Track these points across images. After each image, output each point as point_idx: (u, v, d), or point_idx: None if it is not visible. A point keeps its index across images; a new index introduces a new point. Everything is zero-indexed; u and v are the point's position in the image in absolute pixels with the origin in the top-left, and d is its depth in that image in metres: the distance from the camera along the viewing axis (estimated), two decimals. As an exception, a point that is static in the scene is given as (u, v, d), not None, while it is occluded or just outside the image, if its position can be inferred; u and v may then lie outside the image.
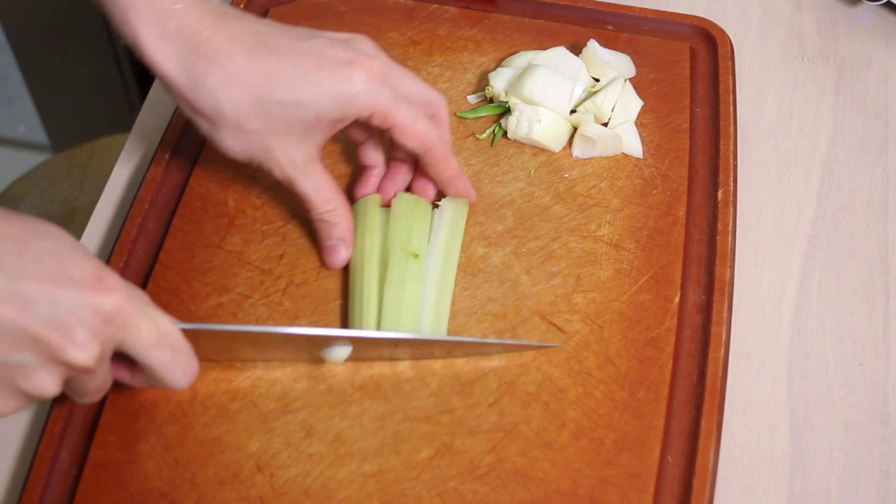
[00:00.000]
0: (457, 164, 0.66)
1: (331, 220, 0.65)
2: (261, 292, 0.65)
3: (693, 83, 0.77)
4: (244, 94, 0.60)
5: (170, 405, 0.60)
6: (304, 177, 0.63)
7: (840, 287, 0.70)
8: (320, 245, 0.66)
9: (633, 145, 0.73)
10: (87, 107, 1.60)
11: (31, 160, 1.41)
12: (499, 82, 0.75)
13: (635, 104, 0.75)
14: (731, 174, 0.71)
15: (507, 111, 0.74)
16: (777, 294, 0.69)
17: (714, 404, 0.60)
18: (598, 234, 0.68)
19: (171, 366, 0.54)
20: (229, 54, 0.60)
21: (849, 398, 0.65)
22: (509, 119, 0.73)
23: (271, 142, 0.62)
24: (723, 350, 0.62)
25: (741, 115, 0.78)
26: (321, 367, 0.62)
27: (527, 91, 0.72)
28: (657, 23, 0.81)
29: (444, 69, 0.77)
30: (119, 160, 0.76)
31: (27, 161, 1.47)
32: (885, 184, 0.76)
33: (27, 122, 1.83)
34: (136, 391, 0.60)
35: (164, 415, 0.60)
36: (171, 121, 0.73)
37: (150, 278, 0.65)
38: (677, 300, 0.65)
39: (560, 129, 0.72)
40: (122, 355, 0.54)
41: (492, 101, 0.75)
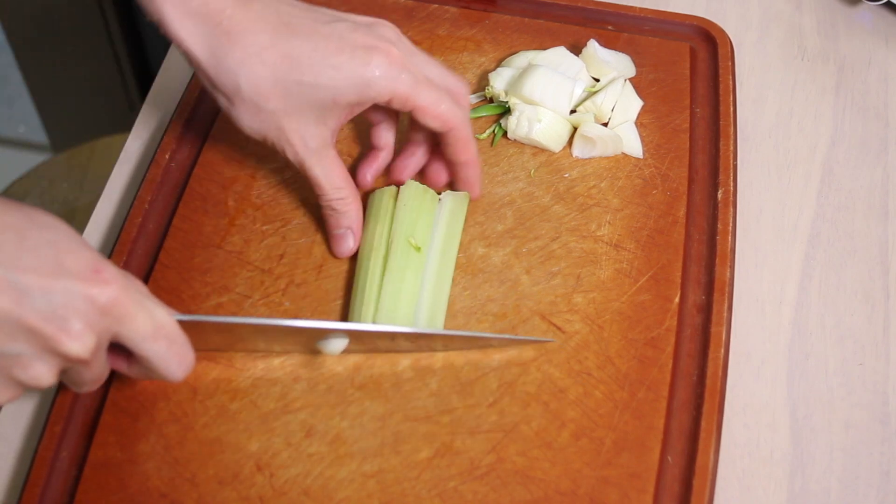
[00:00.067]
0: (475, 150, 0.66)
1: (340, 209, 0.65)
2: (261, 292, 0.65)
3: (693, 83, 0.77)
4: (264, 72, 0.60)
5: (170, 405, 0.60)
6: (317, 161, 0.63)
7: (840, 287, 0.70)
8: (328, 233, 0.66)
9: (633, 145, 0.73)
10: (87, 107, 1.60)
11: (31, 160, 1.41)
12: (499, 82, 0.75)
13: (635, 104, 0.75)
14: (731, 174, 0.71)
15: (507, 111, 0.74)
16: (777, 294, 0.69)
17: (714, 404, 0.60)
18: (598, 234, 0.68)
19: (167, 357, 0.54)
20: (252, 32, 0.60)
21: (849, 398, 0.65)
22: (509, 119, 0.73)
23: (287, 122, 0.62)
24: (723, 350, 0.62)
25: (741, 115, 0.78)
26: (321, 366, 0.62)
27: (527, 91, 0.72)
28: (657, 23, 0.81)
29: (444, 69, 0.77)
30: (119, 160, 0.76)
31: (27, 161, 1.47)
32: (885, 184, 0.76)
33: (27, 122, 1.83)
34: (136, 391, 0.60)
35: (164, 415, 0.60)
36: (171, 121, 0.73)
37: (150, 278, 0.65)
38: (677, 300, 0.65)
39: (560, 129, 0.72)
40: (120, 345, 0.54)
41: (492, 101, 0.75)
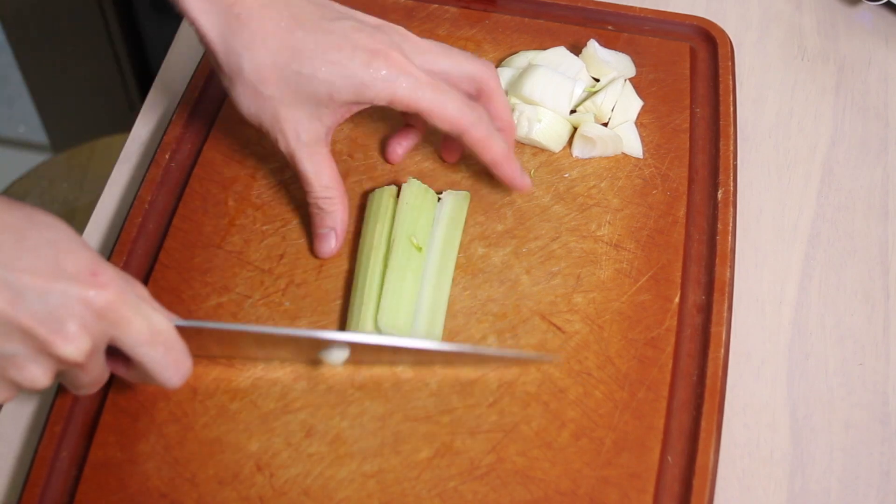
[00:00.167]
0: (501, 146, 0.64)
1: (326, 208, 0.65)
2: (261, 292, 0.65)
3: (693, 83, 0.77)
4: (266, 58, 0.61)
5: (170, 405, 0.60)
6: (307, 155, 0.63)
7: (840, 287, 0.70)
8: (312, 232, 0.66)
9: (633, 145, 0.73)
10: (87, 107, 1.60)
11: (31, 160, 1.41)
12: (499, 82, 0.75)
13: (635, 104, 0.75)
14: (731, 174, 0.71)
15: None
16: (777, 294, 0.70)
17: (714, 404, 0.60)
18: (598, 234, 0.68)
19: (164, 363, 0.54)
20: (260, 18, 0.61)
21: (849, 398, 0.65)
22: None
23: (282, 111, 0.62)
24: (723, 350, 0.62)
25: (741, 115, 0.78)
26: (321, 366, 0.62)
27: (527, 91, 0.72)
28: (657, 23, 0.81)
29: (444, 69, 0.77)
30: (119, 160, 0.76)
31: (27, 161, 1.47)
32: (885, 184, 0.76)
33: (27, 122, 1.83)
34: (136, 391, 0.60)
35: (164, 415, 0.60)
36: (170, 121, 0.73)
37: (150, 278, 0.65)
38: (677, 300, 0.65)
39: (560, 129, 0.72)
40: (119, 350, 0.54)
41: (492, 101, 0.75)
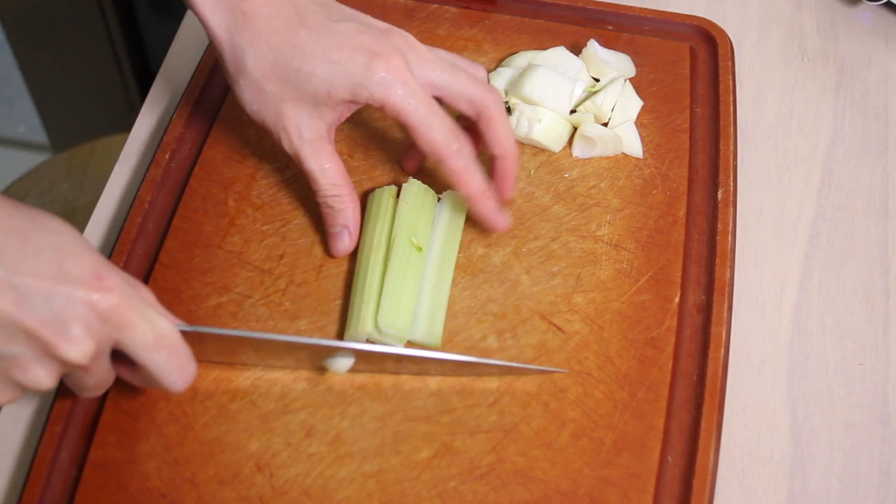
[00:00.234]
0: (478, 182, 0.63)
1: (336, 206, 0.65)
2: (261, 292, 0.65)
3: (693, 83, 0.77)
4: (268, 55, 0.62)
5: (170, 405, 0.60)
6: (311, 153, 0.63)
7: (840, 287, 0.70)
8: (326, 231, 0.66)
9: (633, 145, 0.73)
10: (87, 107, 1.60)
11: (31, 160, 1.41)
12: (499, 82, 0.75)
13: (635, 104, 0.75)
14: (731, 174, 0.71)
15: (507, 111, 0.74)
16: (777, 294, 0.69)
17: (714, 404, 0.60)
18: (598, 234, 0.68)
19: (168, 367, 0.54)
20: (264, 17, 0.62)
21: (849, 398, 0.65)
22: (509, 119, 0.73)
23: (284, 109, 0.62)
24: (723, 350, 0.62)
25: (741, 115, 0.78)
26: (324, 370, 0.62)
27: (527, 91, 0.72)
28: (657, 23, 0.81)
29: (444, 69, 0.77)
30: (119, 160, 0.76)
31: (27, 161, 1.47)
32: (885, 184, 0.76)
33: (27, 122, 1.83)
34: (137, 391, 0.60)
35: (164, 415, 0.60)
36: (171, 121, 0.73)
37: (150, 278, 0.65)
38: (677, 300, 0.65)
39: (560, 129, 0.72)
40: (123, 354, 0.54)
41: (492, 101, 0.75)
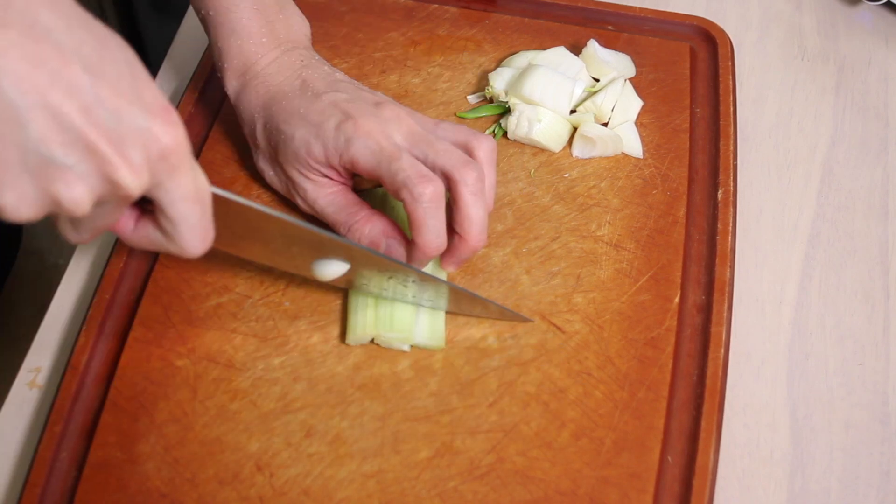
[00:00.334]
0: (430, 237, 0.59)
1: (354, 237, 0.63)
2: (261, 292, 0.65)
3: (693, 83, 0.77)
4: (260, 118, 0.65)
5: (170, 405, 0.60)
6: (320, 211, 0.64)
7: (840, 287, 0.70)
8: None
9: (633, 145, 0.73)
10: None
11: (31, 160, 1.41)
12: (499, 82, 0.75)
13: (635, 104, 0.75)
14: (731, 174, 0.71)
15: (507, 111, 0.74)
16: (777, 294, 0.69)
17: (714, 404, 0.60)
18: (598, 234, 0.68)
19: (198, 225, 0.50)
20: (265, 74, 0.65)
21: (849, 398, 0.65)
22: (509, 119, 0.73)
23: (287, 169, 0.64)
24: (723, 350, 0.62)
25: (741, 115, 0.78)
26: (321, 366, 0.62)
27: (527, 91, 0.72)
28: (657, 23, 0.81)
29: (444, 69, 0.77)
30: (119, 160, 0.76)
31: (27, 161, 1.47)
32: (885, 184, 0.76)
33: (27, 122, 1.82)
34: (137, 391, 0.60)
35: (164, 415, 0.60)
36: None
37: (150, 278, 0.65)
38: (677, 300, 0.65)
39: (560, 129, 0.72)
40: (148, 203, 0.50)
41: (492, 101, 0.75)
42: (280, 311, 0.64)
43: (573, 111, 0.74)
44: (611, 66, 0.75)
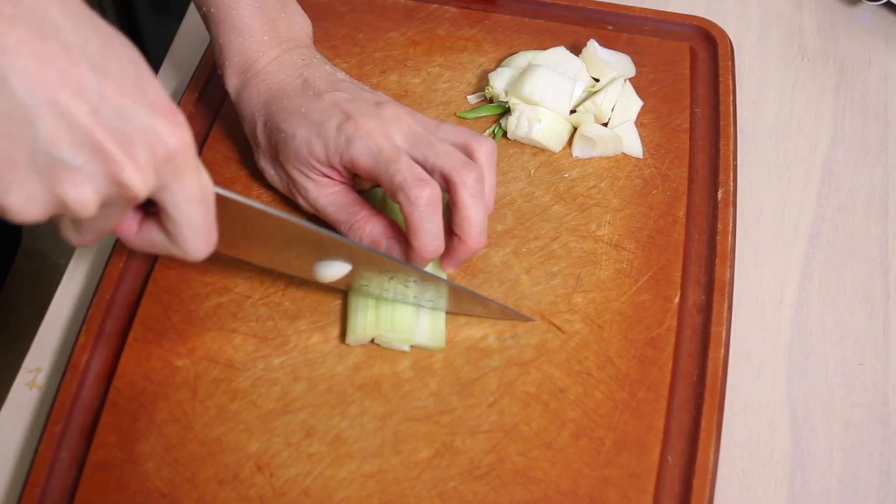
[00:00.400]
0: (427, 239, 0.59)
1: (355, 237, 0.63)
2: (261, 292, 0.65)
3: (693, 83, 0.77)
4: (260, 117, 0.65)
5: (170, 405, 0.60)
6: (321, 210, 0.64)
7: (840, 287, 0.70)
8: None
9: (633, 145, 0.73)
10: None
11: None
12: (499, 82, 0.75)
13: (635, 104, 0.75)
14: (731, 174, 0.71)
15: (507, 111, 0.74)
16: (777, 294, 0.70)
17: (714, 404, 0.60)
18: (598, 234, 0.68)
19: (201, 227, 0.50)
20: (266, 72, 0.65)
21: (849, 398, 0.65)
22: (509, 119, 0.73)
23: (288, 168, 0.64)
24: (723, 350, 0.62)
25: (741, 115, 0.78)
26: (321, 366, 0.62)
27: (527, 91, 0.72)
28: (657, 23, 0.81)
29: (444, 69, 0.77)
30: (119, 160, 0.76)
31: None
32: (885, 184, 0.76)
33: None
34: (136, 391, 0.60)
35: (164, 415, 0.60)
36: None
37: (150, 278, 0.65)
38: (677, 300, 0.65)
39: (560, 129, 0.72)
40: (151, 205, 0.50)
41: (492, 101, 0.75)
42: (280, 311, 0.64)
43: (573, 111, 0.74)
44: (611, 66, 0.75)
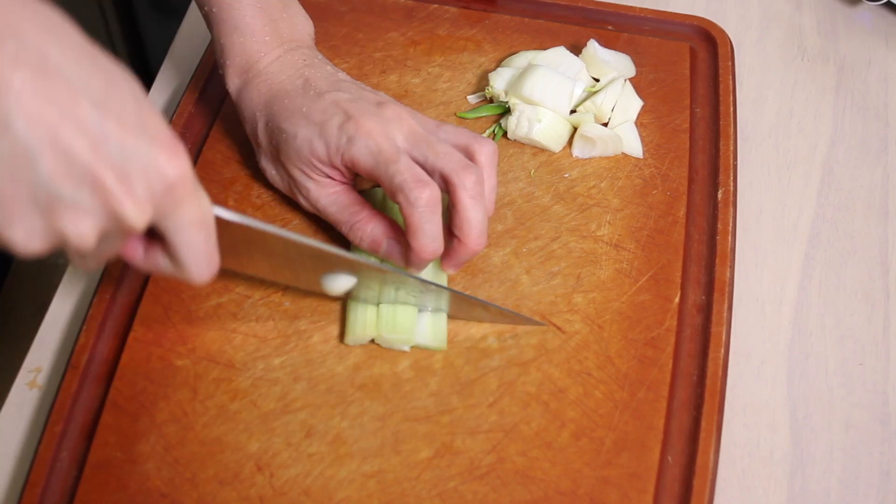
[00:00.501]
0: (427, 241, 0.59)
1: (354, 239, 0.63)
2: (261, 292, 0.65)
3: (693, 83, 0.77)
4: (262, 117, 0.65)
5: (170, 405, 0.60)
6: (322, 210, 0.64)
7: (840, 287, 0.70)
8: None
9: (633, 145, 0.73)
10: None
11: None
12: (499, 82, 0.75)
13: (635, 104, 0.75)
14: (731, 174, 0.71)
15: (507, 111, 0.74)
16: (777, 294, 0.69)
17: (714, 404, 0.60)
18: (598, 234, 0.68)
19: (203, 252, 0.50)
20: (267, 72, 0.65)
21: (849, 398, 0.65)
22: (509, 119, 0.73)
23: (289, 168, 0.64)
24: (723, 350, 0.62)
25: (741, 115, 0.78)
26: (321, 366, 0.62)
27: (527, 91, 0.72)
28: (657, 23, 0.81)
29: (444, 69, 0.77)
30: (119, 160, 0.76)
31: (27, 161, 1.47)
32: (885, 184, 0.76)
33: (27, 121, 1.82)
34: (136, 391, 0.60)
35: (164, 415, 0.60)
36: (170, 121, 0.73)
37: (150, 278, 0.65)
38: (677, 300, 0.65)
39: (560, 129, 0.72)
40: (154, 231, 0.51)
41: (492, 101, 0.75)
42: (280, 311, 0.64)
43: (573, 111, 0.74)
44: (611, 66, 0.75)
